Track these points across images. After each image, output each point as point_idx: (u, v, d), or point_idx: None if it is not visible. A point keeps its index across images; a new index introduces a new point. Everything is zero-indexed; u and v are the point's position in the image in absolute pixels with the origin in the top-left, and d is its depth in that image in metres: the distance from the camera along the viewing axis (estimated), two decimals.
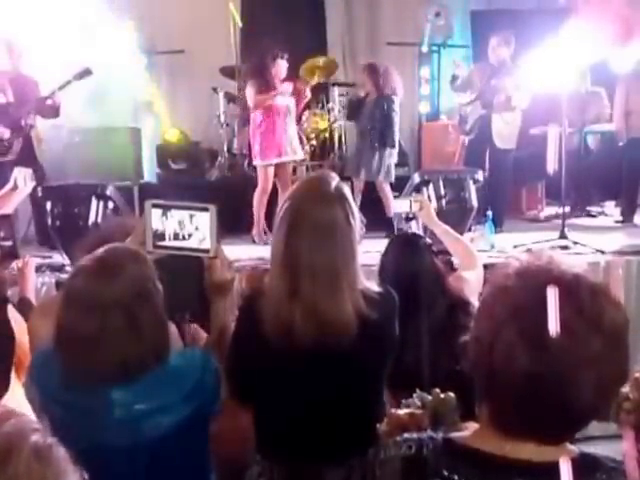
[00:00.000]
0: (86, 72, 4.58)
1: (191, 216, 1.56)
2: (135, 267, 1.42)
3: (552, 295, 0.87)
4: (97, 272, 1.39)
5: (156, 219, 1.59)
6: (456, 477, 0.92)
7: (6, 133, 4.59)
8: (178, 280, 1.57)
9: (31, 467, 0.71)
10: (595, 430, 1.31)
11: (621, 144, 5.67)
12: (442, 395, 1.38)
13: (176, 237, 1.58)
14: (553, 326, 0.86)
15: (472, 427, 1.06)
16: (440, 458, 0.94)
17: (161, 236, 1.59)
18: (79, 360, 1.39)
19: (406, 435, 1.01)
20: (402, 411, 1.35)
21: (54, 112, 4.81)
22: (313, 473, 1.53)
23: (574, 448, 0.95)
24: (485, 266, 4.08)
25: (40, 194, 4.38)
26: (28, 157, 4.67)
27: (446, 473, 0.93)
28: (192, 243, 1.58)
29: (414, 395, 1.41)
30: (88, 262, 1.41)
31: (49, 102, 4.70)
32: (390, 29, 7.45)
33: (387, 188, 5.12)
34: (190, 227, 1.57)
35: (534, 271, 0.93)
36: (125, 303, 1.37)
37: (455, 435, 1.00)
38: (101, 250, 1.44)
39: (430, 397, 1.39)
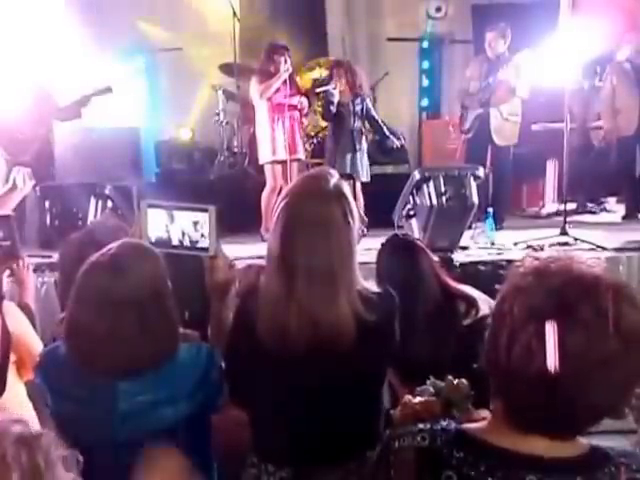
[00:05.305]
0: (107, 90, 4.67)
1: (195, 223, 1.55)
2: (148, 265, 1.43)
3: (551, 330, 0.86)
4: (111, 269, 1.39)
5: (161, 224, 1.57)
6: (467, 469, 0.93)
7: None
8: (178, 279, 1.56)
9: (19, 453, 0.69)
10: (609, 425, 1.32)
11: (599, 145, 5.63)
12: (455, 382, 1.39)
13: (181, 243, 1.58)
14: (552, 361, 0.86)
15: (484, 415, 1.07)
16: (453, 450, 0.95)
17: (167, 242, 1.58)
18: (89, 355, 1.40)
19: (420, 425, 1.02)
20: (416, 399, 1.36)
21: (76, 114, 4.92)
22: (310, 476, 1.52)
23: (585, 442, 0.96)
24: (486, 263, 4.14)
25: (39, 193, 4.40)
26: (44, 158, 4.76)
27: (458, 465, 0.94)
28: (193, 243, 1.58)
29: (427, 382, 1.43)
30: (102, 258, 1.41)
31: (68, 109, 4.82)
32: (391, 25, 7.43)
33: (359, 186, 5.11)
34: (196, 234, 1.56)
35: (553, 271, 0.92)
36: (138, 301, 1.38)
37: (468, 427, 1.01)
38: (114, 246, 1.44)
39: (443, 384, 1.40)
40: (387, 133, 5.45)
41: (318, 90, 5.43)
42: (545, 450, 0.92)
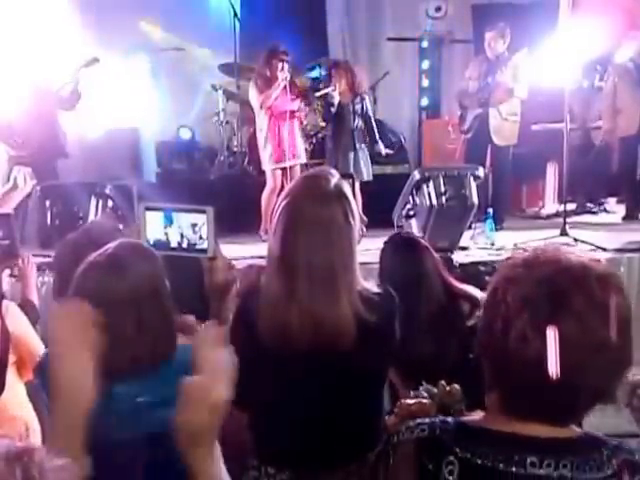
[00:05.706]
0: (93, 60, 4.67)
1: (193, 225, 1.55)
2: (146, 264, 1.42)
3: (552, 335, 0.88)
4: (109, 268, 1.38)
5: (159, 226, 1.57)
6: (469, 455, 0.95)
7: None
8: (178, 280, 1.56)
9: (13, 467, 0.69)
10: (610, 427, 1.36)
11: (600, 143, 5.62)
12: (448, 387, 1.40)
13: (179, 245, 1.58)
14: (554, 366, 0.87)
15: (480, 414, 1.07)
16: (453, 438, 0.97)
17: (165, 244, 1.58)
18: None
19: (418, 420, 1.03)
20: (411, 401, 1.38)
21: (76, 96, 4.89)
22: (310, 478, 1.51)
23: (579, 429, 0.99)
24: (485, 263, 4.14)
25: (39, 193, 4.40)
26: (52, 156, 4.73)
27: (459, 451, 0.95)
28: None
29: (421, 388, 1.44)
30: (99, 258, 1.40)
31: (64, 94, 4.79)
32: (390, 24, 7.42)
33: (358, 186, 5.11)
34: (194, 236, 1.56)
35: (541, 261, 0.95)
36: (136, 301, 1.37)
37: (466, 419, 1.04)
38: (112, 246, 1.43)
39: (436, 389, 1.41)
40: (377, 138, 5.43)
41: (318, 94, 5.45)
42: (541, 433, 0.95)
